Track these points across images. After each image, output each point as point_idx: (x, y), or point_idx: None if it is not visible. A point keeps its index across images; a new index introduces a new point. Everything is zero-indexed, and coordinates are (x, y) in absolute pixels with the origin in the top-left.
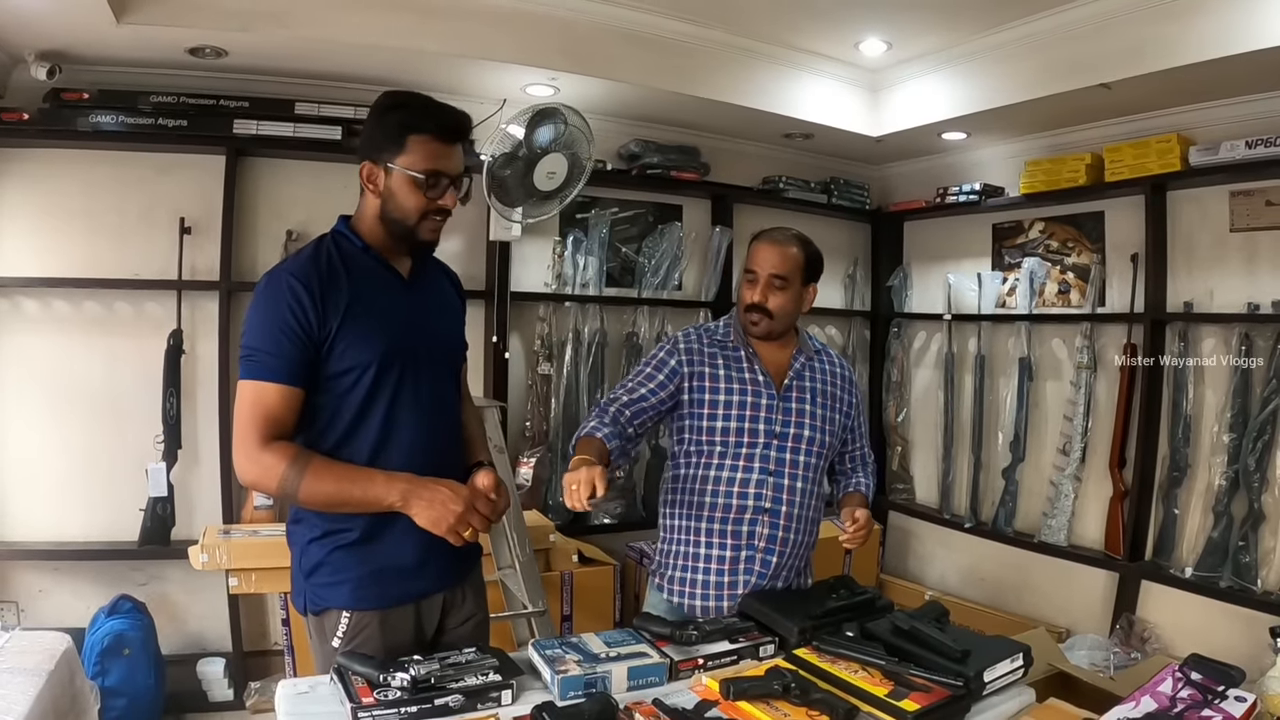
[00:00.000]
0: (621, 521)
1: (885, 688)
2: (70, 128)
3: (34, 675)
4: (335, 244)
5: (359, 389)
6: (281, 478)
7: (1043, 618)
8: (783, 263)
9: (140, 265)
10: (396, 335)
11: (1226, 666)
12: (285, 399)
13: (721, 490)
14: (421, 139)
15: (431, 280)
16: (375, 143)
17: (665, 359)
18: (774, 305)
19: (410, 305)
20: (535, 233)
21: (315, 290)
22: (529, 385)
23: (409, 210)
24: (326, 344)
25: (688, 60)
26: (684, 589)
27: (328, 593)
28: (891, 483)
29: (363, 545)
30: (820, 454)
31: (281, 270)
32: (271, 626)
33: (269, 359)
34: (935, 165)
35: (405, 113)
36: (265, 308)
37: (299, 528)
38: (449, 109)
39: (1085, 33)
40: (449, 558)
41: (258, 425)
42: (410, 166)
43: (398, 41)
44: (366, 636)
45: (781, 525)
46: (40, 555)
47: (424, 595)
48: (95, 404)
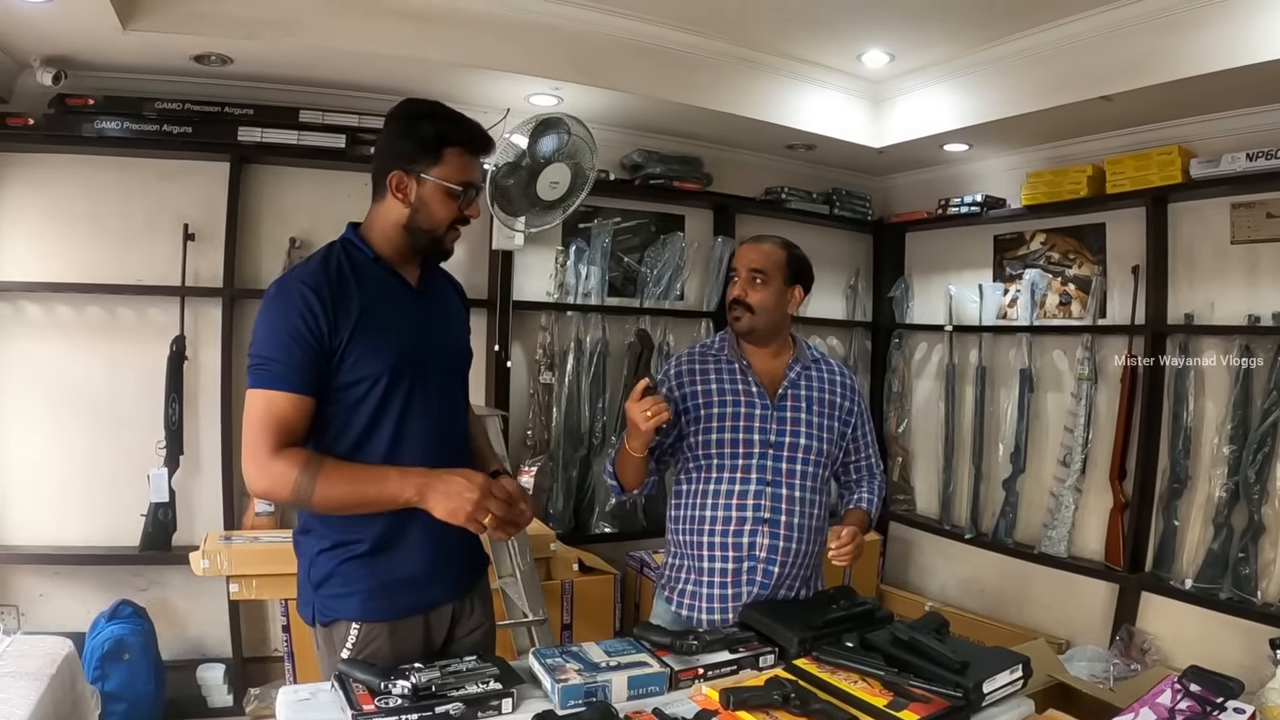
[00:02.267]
0: (622, 530)
1: (885, 698)
2: (75, 133)
3: (35, 680)
4: (345, 252)
5: (370, 400)
6: (295, 485)
7: (1042, 629)
8: (761, 258)
9: (144, 271)
10: (407, 346)
11: (1226, 678)
12: (297, 408)
13: (720, 503)
14: (457, 151)
15: (438, 290)
16: (406, 152)
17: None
18: (754, 300)
19: (419, 315)
20: (538, 242)
21: (327, 299)
22: (531, 394)
23: (440, 221)
24: (338, 354)
25: (691, 71)
26: (693, 602)
27: (337, 604)
28: (892, 493)
29: (373, 557)
30: (819, 462)
31: (292, 278)
32: (272, 633)
33: (280, 367)
34: (937, 176)
35: (439, 123)
36: (276, 315)
37: (308, 539)
38: (474, 121)
39: (1087, 45)
40: (459, 568)
41: (269, 435)
42: (445, 178)
43: (402, 50)
44: (376, 648)
45: (782, 535)
46: (41, 559)
47: (434, 606)
48: (97, 409)
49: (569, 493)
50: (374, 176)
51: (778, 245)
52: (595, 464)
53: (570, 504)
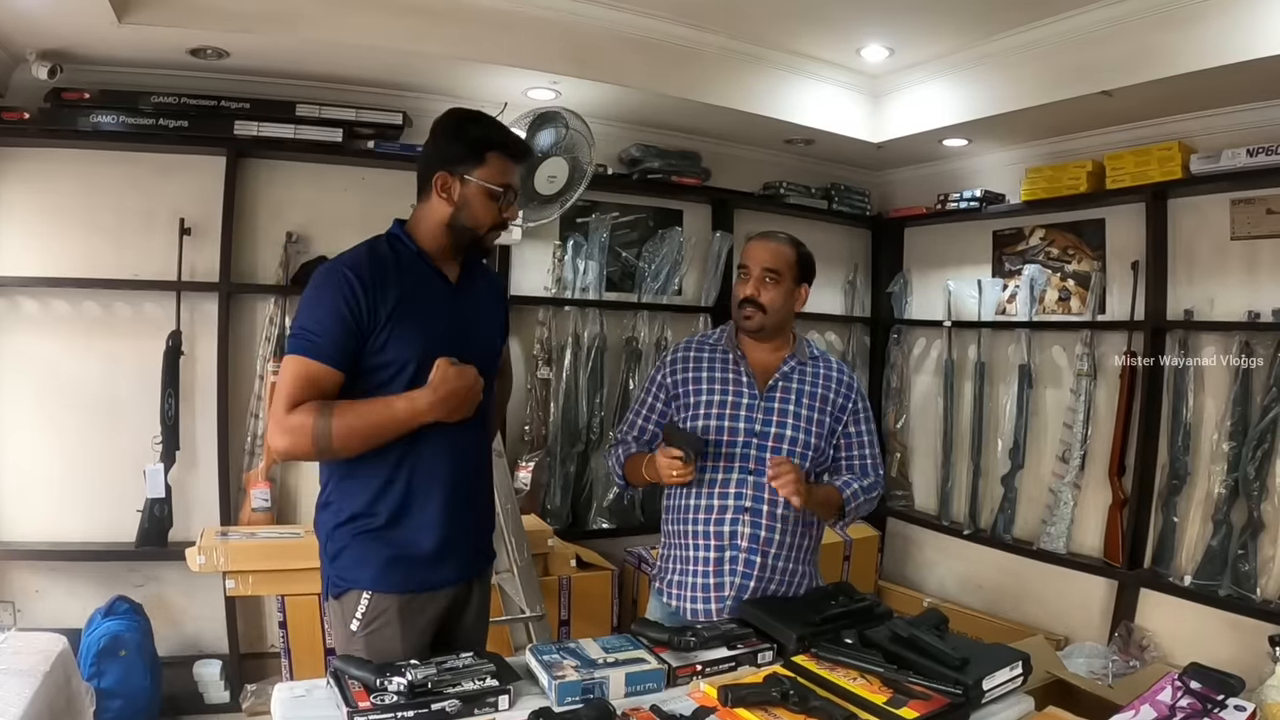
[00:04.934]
0: (620, 526)
1: (884, 695)
2: (71, 127)
3: (29, 677)
4: (390, 245)
5: (395, 385)
6: (313, 430)
7: (1041, 625)
8: (775, 258)
9: (140, 266)
10: (438, 337)
11: (1226, 675)
12: (326, 378)
13: (704, 491)
14: (499, 155)
15: (477, 288)
16: (452, 155)
17: (656, 378)
18: (766, 299)
19: (454, 310)
20: (535, 237)
21: (369, 282)
22: (528, 389)
23: (481, 220)
24: (373, 337)
25: (689, 65)
26: (679, 592)
27: (350, 574)
28: (890, 489)
29: (386, 531)
30: (805, 455)
31: (337, 262)
32: (268, 629)
33: (316, 339)
34: (936, 171)
35: (484, 129)
36: (319, 294)
37: (325, 513)
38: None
39: (1087, 40)
40: (468, 551)
41: (294, 398)
42: (488, 179)
43: (400, 44)
44: (384, 622)
45: (764, 525)
46: (37, 555)
47: (443, 585)
48: (93, 404)
49: (566, 488)
50: (419, 177)
51: (789, 244)
52: (593, 459)
53: (568, 500)
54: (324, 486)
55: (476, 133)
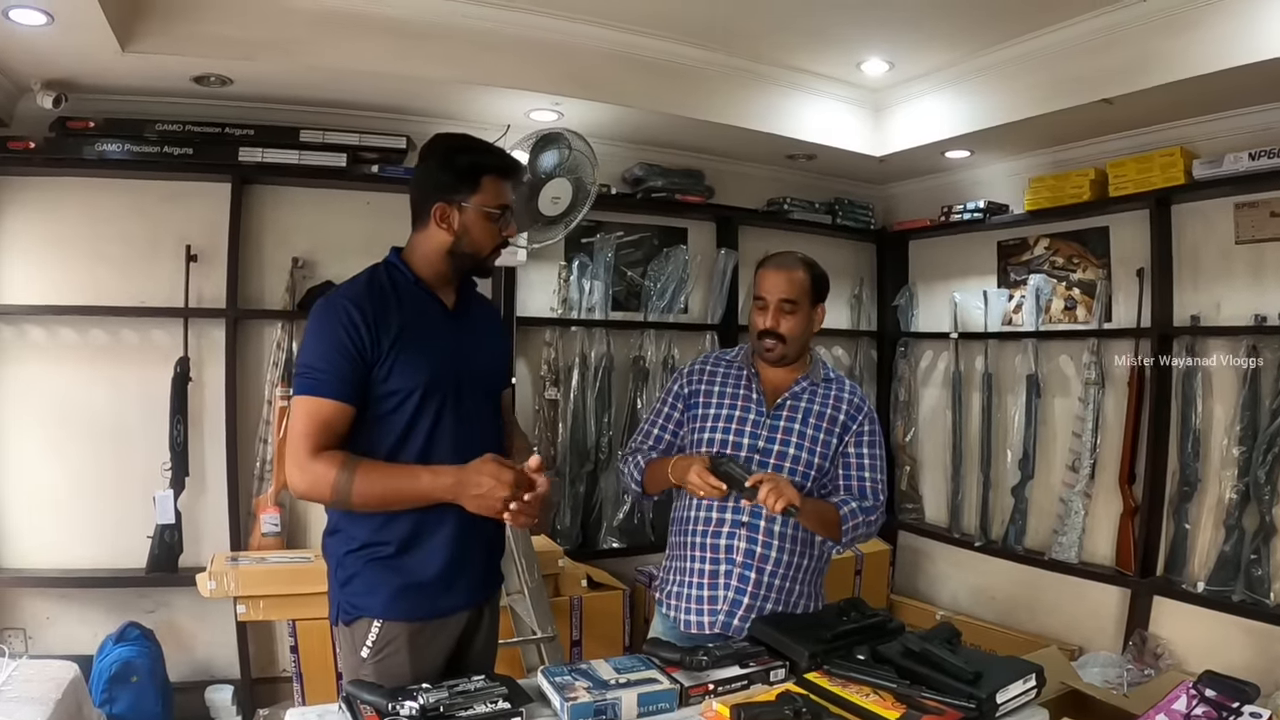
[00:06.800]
0: (630, 545)
1: (897, 711)
2: (76, 156)
3: (41, 704)
4: (388, 274)
5: (402, 413)
6: (334, 483)
7: (1055, 636)
8: (791, 287)
9: (146, 293)
10: (442, 364)
11: (1241, 682)
12: (338, 414)
13: (704, 503)
14: (493, 178)
15: (475, 313)
16: (446, 184)
17: (673, 389)
18: (786, 329)
19: (454, 336)
20: (540, 257)
21: (370, 314)
22: (536, 410)
23: (484, 244)
24: (378, 367)
25: (691, 84)
26: (677, 603)
27: (361, 601)
28: (901, 502)
29: (397, 559)
30: (807, 474)
31: (338, 295)
32: (280, 653)
33: (324, 376)
34: (939, 184)
35: (474, 155)
36: (321, 329)
37: (335, 539)
38: (500, 147)
39: (1086, 48)
40: (478, 577)
41: (311, 438)
42: (485, 204)
43: (402, 69)
44: (394, 649)
45: (760, 541)
46: (47, 582)
47: (452, 612)
48: (102, 431)
49: (576, 508)
50: (414, 207)
51: (802, 268)
52: (602, 479)
53: (578, 520)
54: (331, 513)
55: (467, 160)
